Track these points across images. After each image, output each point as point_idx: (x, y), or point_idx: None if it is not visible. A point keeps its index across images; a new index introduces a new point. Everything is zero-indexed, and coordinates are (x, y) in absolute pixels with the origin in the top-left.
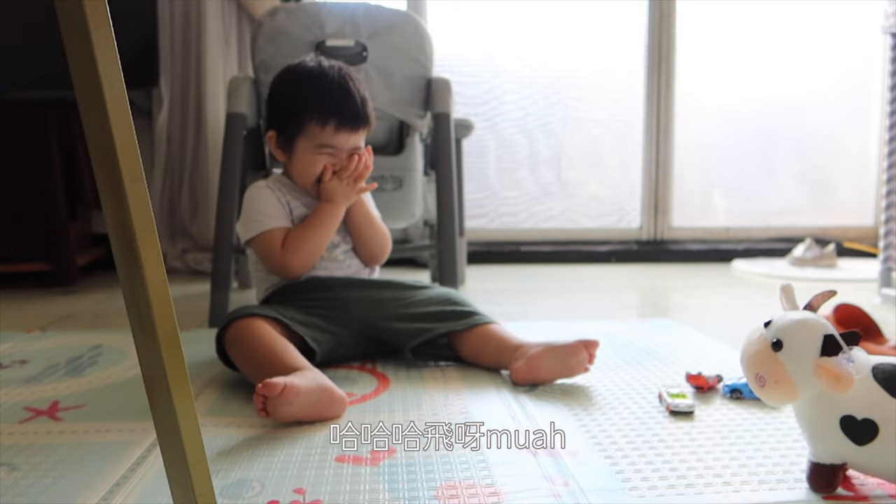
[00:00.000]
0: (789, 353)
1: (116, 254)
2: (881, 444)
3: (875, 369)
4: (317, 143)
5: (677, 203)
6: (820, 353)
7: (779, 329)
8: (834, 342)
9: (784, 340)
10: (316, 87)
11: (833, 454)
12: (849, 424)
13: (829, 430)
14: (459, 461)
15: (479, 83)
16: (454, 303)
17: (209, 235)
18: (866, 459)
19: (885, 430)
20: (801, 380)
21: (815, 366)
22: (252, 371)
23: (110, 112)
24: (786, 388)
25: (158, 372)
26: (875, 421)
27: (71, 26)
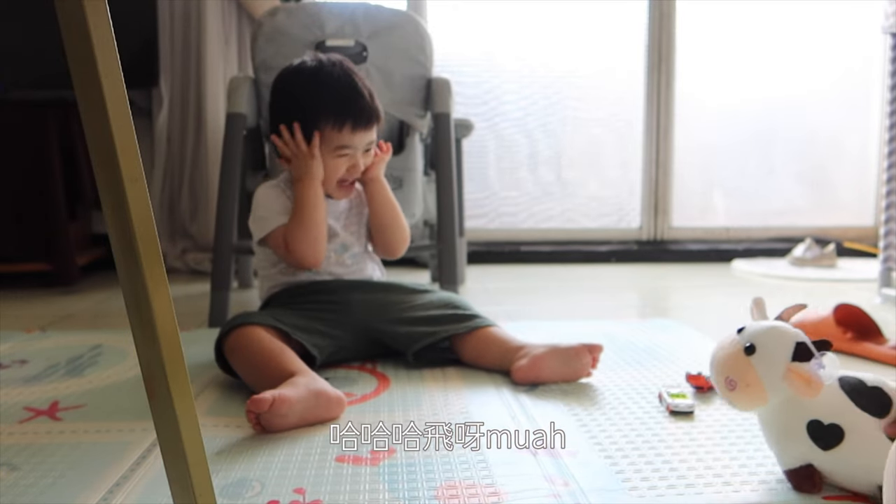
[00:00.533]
0: (761, 358)
1: (116, 254)
2: (846, 449)
3: (842, 380)
4: (335, 145)
5: (677, 203)
6: (791, 358)
7: (752, 334)
8: (806, 349)
9: (757, 345)
10: (325, 90)
11: (799, 458)
12: (816, 429)
13: (796, 434)
14: (459, 461)
15: (479, 83)
16: (455, 306)
17: (209, 235)
18: (831, 464)
19: (850, 436)
20: (771, 384)
21: (787, 370)
22: (251, 379)
23: (110, 112)
24: (756, 392)
25: (158, 372)
26: (841, 426)
27: (71, 26)
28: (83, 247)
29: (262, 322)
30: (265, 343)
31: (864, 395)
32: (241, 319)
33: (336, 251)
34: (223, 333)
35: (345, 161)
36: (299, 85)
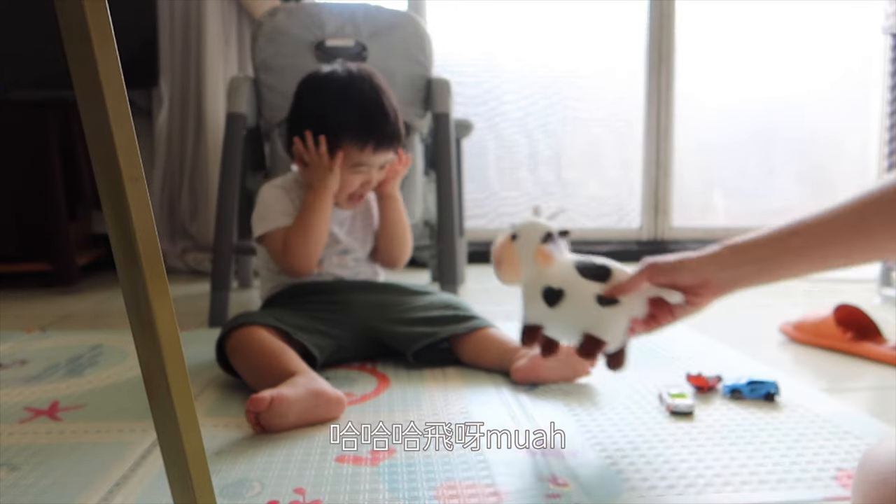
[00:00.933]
0: (520, 242)
1: (116, 254)
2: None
3: (577, 262)
4: (354, 161)
5: (677, 203)
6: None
7: (517, 227)
8: (550, 235)
9: (519, 234)
10: (353, 107)
11: (534, 316)
12: (547, 293)
13: (536, 297)
14: (459, 461)
15: (479, 83)
16: (455, 307)
17: (209, 235)
18: (554, 319)
19: (569, 296)
20: (524, 260)
21: (536, 250)
22: (252, 379)
23: (110, 112)
24: (512, 265)
25: (158, 372)
26: (564, 290)
27: (71, 26)
28: (83, 247)
29: (262, 322)
30: (266, 343)
31: (589, 269)
32: (242, 319)
33: (337, 254)
34: (224, 333)
35: (360, 177)
36: (327, 95)
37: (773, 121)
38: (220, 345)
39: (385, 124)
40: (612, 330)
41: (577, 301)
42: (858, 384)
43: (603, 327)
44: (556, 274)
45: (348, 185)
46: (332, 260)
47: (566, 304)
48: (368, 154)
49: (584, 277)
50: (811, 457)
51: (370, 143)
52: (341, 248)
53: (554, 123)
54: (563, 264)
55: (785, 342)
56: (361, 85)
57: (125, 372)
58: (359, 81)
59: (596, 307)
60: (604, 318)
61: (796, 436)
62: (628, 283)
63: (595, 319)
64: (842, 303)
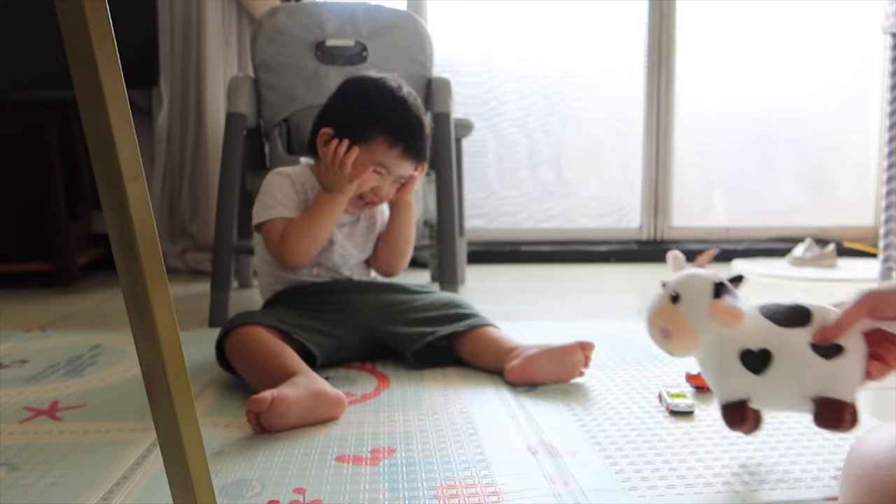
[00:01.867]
0: (686, 302)
1: (116, 254)
2: (777, 369)
3: (761, 308)
4: (377, 159)
5: (677, 203)
6: (713, 297)
7: (674, 284)
8: (723, 286)
9: (680, 292)
10: (397, 108)
11: (738, 390)
12: (748, 357)
13: (732, 367)
14: (459, 461)
15: (479, 83)
16: (456, 306)
17: (209, 235)
18: (767, 388)
19: (778, 355)
20: (700, 325)
21: (711, 308)
22: (252, 378)
23: (110, 112)
24: (688, 335)
25: (158, 372)
26: (769, 349)
27: (71, 26)
28: (83, 247)
29: (263, 322)
30: (266, 343)
31: (783, 314)
32: (242, 319)
33: (333, 262)
34: (224, 332)
35: (374, 179)
36: (377, 95)
37: (773, 121)
38: (220, 344)
39: (420, 136)
40: (848, 384)
41: (790, 360)
42: None
43: (838, 384)
44: (747, 332)
45: (361, 184)
46: (325, 264)
47: (778, 367)
48: (394, 156)
49: (784, 327)
50: (811, 457)
51: (400, 145)
52: (338, 254)
53: (554, 123)
54: (749, 317)
55: None
56: (409, 98)
57: (125, 372)
58: (408, 95)
59: (818, 361)
60: (835, 373)
61: (796, 436)
62: (843, 319)
63: (824, 377)
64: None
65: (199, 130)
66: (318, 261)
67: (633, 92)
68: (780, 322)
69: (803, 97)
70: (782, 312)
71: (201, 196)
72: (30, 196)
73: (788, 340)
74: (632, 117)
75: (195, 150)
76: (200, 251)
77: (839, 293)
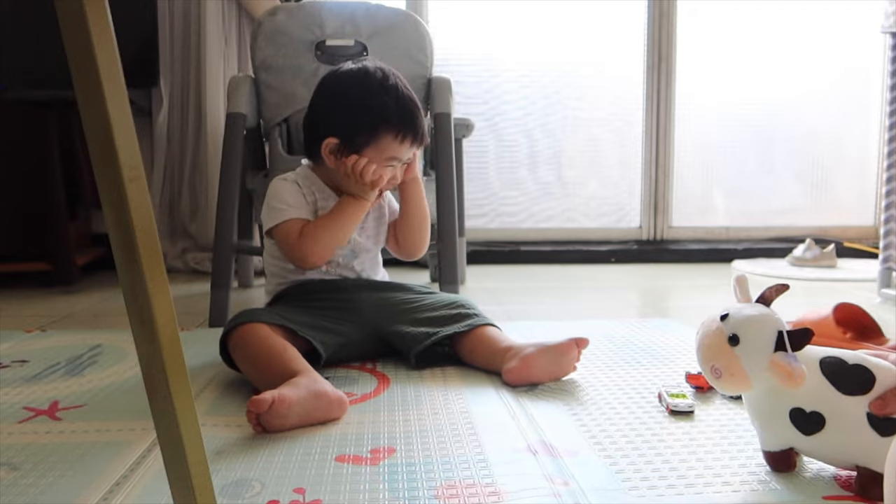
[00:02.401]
0: (745, 348)
1: (116, 253)
2: (827, 435)
3: (822, 363)
4: (389, 155)
5: (677, 203)
6: (774, 348)
7: (735, 324)
8: (787, 337)
9: (740, 336)
10: (394, 100)
11: (781, 442)
12: (798, 416)
13: (780, 420)
14: (459, 461)
15: (479, 83)
16: (459, 306)
17: (209, 235)
18: (812, 447)
19: (831, 422)
20: (755, 373)
21: (770, 362)
22: (254, 376)
23: (110, 112)
24: (741, 381)
25: (158, 372)
26: (822, 413)
27: (71, 26)
28: (83, 246)
29: (267, 319)
30: (269, 341)
31: (845, 377)
32: (246, 316)
33: (345, 256)
34: (228, 329)
35: (389, 171)
36: (370, 93)
37: (773, 121)
38: (224, 341)
39: (419, 117)
40: None
41: (844, 429)
42: None
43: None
44: (803, 390)
45: (377, 177)
46: (337, 262)
47: (828, 433)
48: (405, 147)
49: (843, 393)
50: None
51: (409, 136)
52: (349, 249)
53: (553, 123)
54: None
55: None
56: (398, 81)
57: (125, 371)
58: (393, 77)
59: (872, 436)
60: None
61: None
62: None
63: (874, 451)
64: (842, 302)
65: (199, 130)
66: (329, 258)
67: (632, 92)
68: (842, 387)
69: (803, 97)
70: (844, 374)
71: (201, 196)
72: (30, 195)
73: (846, 409)
74: (631, 117)
75: (195, 150)
76: (200, 251)
77: (839, 293)
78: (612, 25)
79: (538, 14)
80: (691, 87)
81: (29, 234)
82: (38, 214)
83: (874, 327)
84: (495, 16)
